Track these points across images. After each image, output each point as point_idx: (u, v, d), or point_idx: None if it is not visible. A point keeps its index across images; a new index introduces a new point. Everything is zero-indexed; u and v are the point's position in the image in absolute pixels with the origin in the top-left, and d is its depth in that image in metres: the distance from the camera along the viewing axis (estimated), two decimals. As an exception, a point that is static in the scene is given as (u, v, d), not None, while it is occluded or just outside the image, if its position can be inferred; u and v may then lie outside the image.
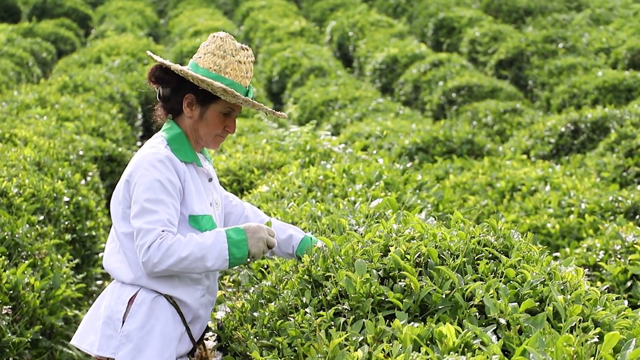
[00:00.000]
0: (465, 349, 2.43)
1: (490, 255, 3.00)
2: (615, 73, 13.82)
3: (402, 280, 2.83)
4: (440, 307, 2.70)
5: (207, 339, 3.22)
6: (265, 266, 4.09)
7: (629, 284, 4.57)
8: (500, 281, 2.79)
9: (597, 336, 2.54)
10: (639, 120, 10.27)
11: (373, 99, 14.41)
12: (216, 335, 3.35)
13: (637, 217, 6.40)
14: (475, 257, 2.96)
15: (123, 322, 3.07)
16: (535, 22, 20.21)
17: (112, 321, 3.08)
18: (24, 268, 4.63)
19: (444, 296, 2.71)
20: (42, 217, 5.59)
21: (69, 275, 5.30)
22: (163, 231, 2.97)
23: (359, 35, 20.39)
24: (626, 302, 2.97)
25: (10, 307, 4.42)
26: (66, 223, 6.05)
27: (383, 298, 2.78)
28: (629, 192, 6.91)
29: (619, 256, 4.78)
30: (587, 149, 10.25)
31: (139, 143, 12.66)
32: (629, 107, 11.04)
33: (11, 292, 4.46)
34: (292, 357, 2.75)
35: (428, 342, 2.50)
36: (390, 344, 2.50)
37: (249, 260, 3.08)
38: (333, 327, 2.71)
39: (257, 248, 3.08)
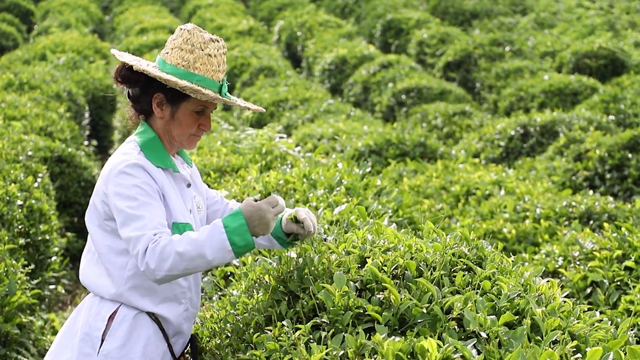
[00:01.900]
0: (449, 364, 2.42)
1: (465, 266, 3.00)
2: (561, 77, 14.05)
3: (379, 292, 2.81)
4: (419, 320, 2.69)
5: (188, 353, 3.14)
6: (230, 273, 4.04)
7: (588, 290, 4.62)
8: (477, 293, 2.79)
9: (574, 349, 2.57)
10: (587, 124, 10.46)
11: (324, 100, 14.39)
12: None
13: (591, 222, 6.50)
14: (451, 269, 2.96)
15: (102, 340, 2.93)
16: (482, 25, 20.44)
17: (90, 338, 2.94)
18: (-21, 275, 4.52)
19: (424, 310, 2.70)
20: (-5, 222, 5.46)
21: (24, 281, 5.17)
22: (155, 234, 2.79)
23: (308, 35, 20.37)
24: (598, 313, 3.00)
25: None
26: (20, 227, 5.90)
27: (361, 311, 2.75)
28: (582, 197, 7.02)
29: (578, 262, 4.83)
30: (537, 152, 10.39)
31: (85, 142, 12.43)
32: (576, 111, 11.23)
33: (-34, 300, 4.35)
34: (271, 372, 2.71)
35: (409, 357, 2.49)
36: (372, 359, 2.48)
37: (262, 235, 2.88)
38: (312, 340, 2.68)
39: (264, 226, 2.85)
